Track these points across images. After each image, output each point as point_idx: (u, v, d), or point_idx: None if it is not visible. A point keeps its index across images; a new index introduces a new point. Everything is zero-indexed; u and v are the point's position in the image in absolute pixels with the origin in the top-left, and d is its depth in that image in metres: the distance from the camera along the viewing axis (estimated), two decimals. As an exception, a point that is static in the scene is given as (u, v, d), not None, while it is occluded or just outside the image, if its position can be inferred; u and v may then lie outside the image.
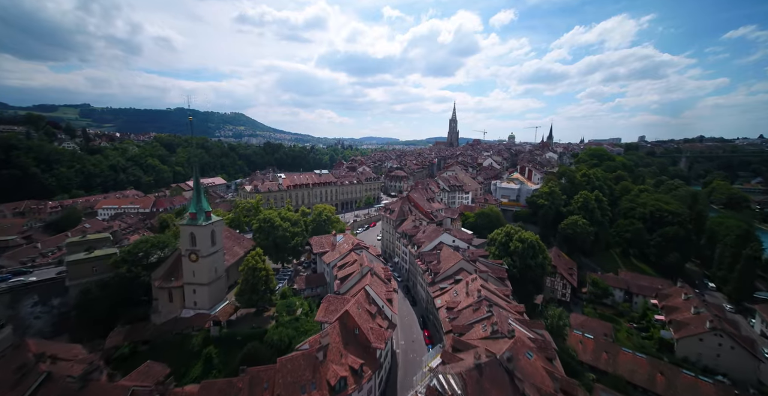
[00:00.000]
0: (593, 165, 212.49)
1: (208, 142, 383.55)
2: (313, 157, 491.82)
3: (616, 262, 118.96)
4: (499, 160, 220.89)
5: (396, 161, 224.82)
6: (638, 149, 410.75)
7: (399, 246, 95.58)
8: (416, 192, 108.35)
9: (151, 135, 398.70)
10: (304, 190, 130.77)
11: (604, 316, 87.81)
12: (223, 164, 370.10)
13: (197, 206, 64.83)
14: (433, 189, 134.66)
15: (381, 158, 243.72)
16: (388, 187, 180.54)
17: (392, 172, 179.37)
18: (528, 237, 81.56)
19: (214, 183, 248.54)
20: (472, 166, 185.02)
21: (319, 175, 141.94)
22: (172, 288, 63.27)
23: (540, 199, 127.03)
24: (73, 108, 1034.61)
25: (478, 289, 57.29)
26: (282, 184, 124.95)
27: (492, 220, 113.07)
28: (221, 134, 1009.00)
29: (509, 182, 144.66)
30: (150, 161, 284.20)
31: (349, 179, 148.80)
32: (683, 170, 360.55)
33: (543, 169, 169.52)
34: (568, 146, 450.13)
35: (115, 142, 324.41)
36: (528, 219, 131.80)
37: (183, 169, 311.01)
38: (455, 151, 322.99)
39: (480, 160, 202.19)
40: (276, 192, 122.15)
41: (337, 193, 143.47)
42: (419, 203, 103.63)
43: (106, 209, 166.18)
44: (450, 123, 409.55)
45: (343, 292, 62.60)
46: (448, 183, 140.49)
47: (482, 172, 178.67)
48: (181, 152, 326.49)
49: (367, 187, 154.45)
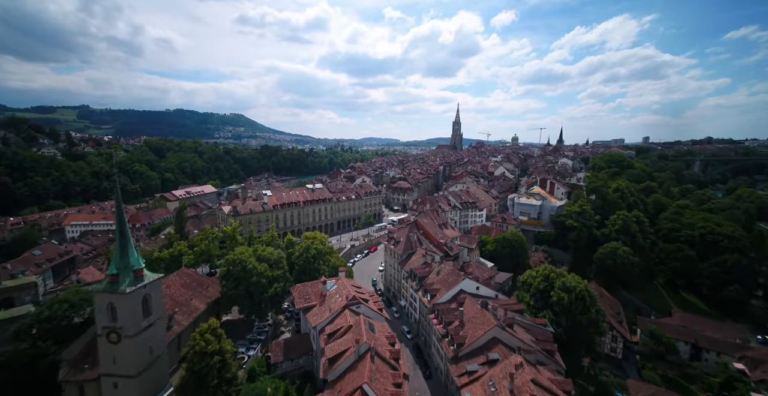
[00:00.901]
0: (614, 174, 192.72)
1: (201, 146, 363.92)
2: (311, 160, 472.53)
3: (662, 297, 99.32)
4: (511, 168, 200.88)
5: (398, 169, 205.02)
6: (648, 152, 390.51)
7: (406, 287, 76.03)
8: (425, 216, 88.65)
9: (141, 138, 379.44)
10: (293, 210, 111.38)
11: (667, 377, 68.31)
12: (217, 169, 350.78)
13: (121, 263, 44.57)
14: (443, 206, 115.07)
15: (382, 165, 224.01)
16: (391, 200, 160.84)
17: (395, 183, 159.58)
18: (575, 285, 61.82)
19: (203, 191, 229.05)
20: (483, 176, 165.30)
21: (311, 190, 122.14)
22: (84, 381, 43.71)
23: (569, 220, 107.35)
24: (71, 109, 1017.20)
25: (531, 395, 37.75)
26: (267, 203, 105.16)
27: (515, 247, 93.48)
28: (220, 135, 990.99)
29: (529, 198, 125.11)
30: (137, 167, 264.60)
31: (347, 194, 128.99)
32: (699, 175, 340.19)
33: (565, 180, 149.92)
34: (575, 148, 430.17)
35: (103, 146, 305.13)
36: (554, 242, 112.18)
37: (173, 175, 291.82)
38: (460, 155, 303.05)
39: (491, 169, 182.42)
40: (260, 213, 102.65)
41: (332, 211, 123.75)
42: (430, 231, 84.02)
43: (74, 226, 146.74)
44: (453, 125, 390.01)
45: (332, 381, 43.30)
46: (459, 199, 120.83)
47: (495, 183, 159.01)
48: (171, 157, 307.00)
49: (367, 202, 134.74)
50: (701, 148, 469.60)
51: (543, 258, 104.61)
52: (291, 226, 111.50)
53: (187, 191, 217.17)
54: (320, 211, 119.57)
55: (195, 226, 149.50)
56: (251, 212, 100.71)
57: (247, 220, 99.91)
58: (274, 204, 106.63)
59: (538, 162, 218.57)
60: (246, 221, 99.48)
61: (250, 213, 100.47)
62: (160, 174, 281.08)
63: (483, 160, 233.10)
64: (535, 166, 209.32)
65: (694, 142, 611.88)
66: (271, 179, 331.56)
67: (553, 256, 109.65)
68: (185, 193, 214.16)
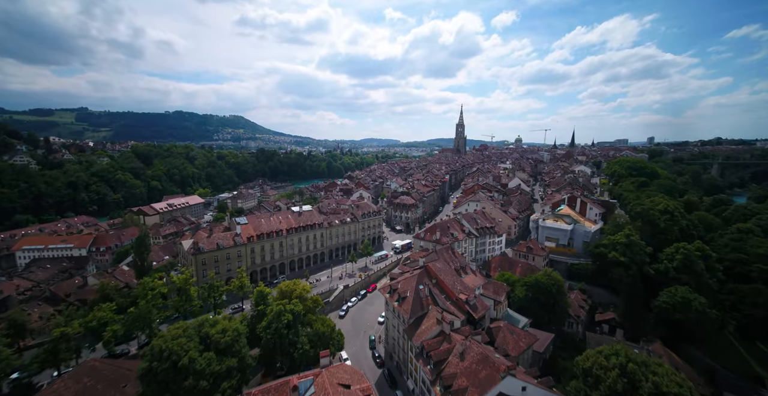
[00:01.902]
0: (641, 185, 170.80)
1: (192, 151, 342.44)
2: (309, 164, 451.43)
3: (736, 352, 77.70)
4: (525, 178, 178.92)
5: (400, 179, 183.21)
6: (662, 155, 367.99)
7: (416, 366, 54.60)
8: (439, 259, 66.95)
9: (128, 144, 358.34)
10: (274, 241, 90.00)
11: None
12: (209, 175, 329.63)
13: None
14: (456, 234, 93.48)
15: (382, 174, 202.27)
16: (392, 218, 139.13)
17: (397, 199, 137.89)
18: (669, 388, 40.24)
19: (187, 203, 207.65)
20: (497, 189, 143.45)
21: (298, 213, 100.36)
22: None
23: (612, 252, 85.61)
24: (70, 112, 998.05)
25: None
26: (240, 235, 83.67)
27: (552, 293, 72.12)
28: (220, 137, 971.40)
29: (557, 220, 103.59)
30: (120, 176, 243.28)
31: (341, 217, 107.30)
32: (717, 179, 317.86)
33: (593, 196, 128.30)
34: (584, 151, 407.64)
35: (86, 153, 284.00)
36: (593, 278, 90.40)
37: (160, 183, 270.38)
38: (466, 160, 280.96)
39: (504, 180, 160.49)
40: (230, 249, 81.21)
41: (324, 238, 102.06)
42: (445, 281, 62.39)
43: (26, 251, 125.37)
44: (457, 128, 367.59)
45: None
46: (474, 224, 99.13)
47: (511, 197, 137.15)
48: (158, 164, 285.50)
49: (365, 225, 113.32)
50: (713, 149, 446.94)
51: (581, 300, 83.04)
52: (271, 261, 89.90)
53: (169, 203, 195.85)
54: (308, 240, 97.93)
55: (167, 251, 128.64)
56: (218, 248, 79.03)
57: (213, 259, 78.37)
58: (249, 235, 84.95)
59: (555, 171, 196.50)
60: (211, 260, 77.96)
61: (216, 249, 78.79)
62: (145, 182, 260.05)
63: (492, 168, 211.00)
64: (551, 175, 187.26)
65: (703, 143, 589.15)
66: (266, 186, 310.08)
67: (593, 296, 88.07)
68: (167, 206, 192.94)
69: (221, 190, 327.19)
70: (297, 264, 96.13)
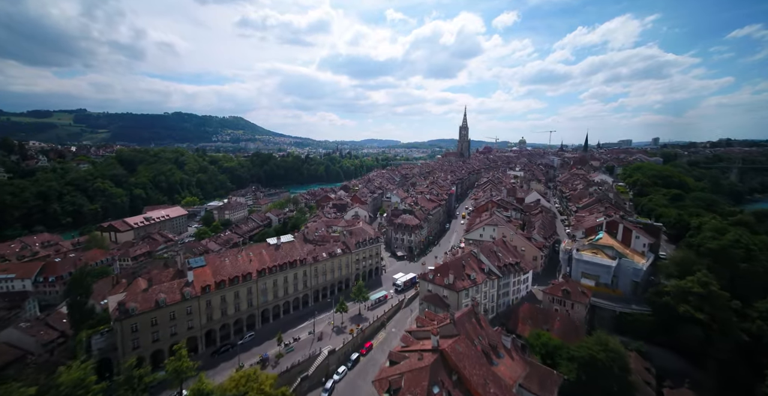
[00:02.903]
0: (674, 198, 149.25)
1: (183, 156, 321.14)
2: (307, 167, 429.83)
3: None
4: (542, 189, 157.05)
5: (401, 190, 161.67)
6: (676, 158, 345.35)
7: None
8: (460, 336, 45.41)
9: (114, 148, 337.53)
10: (240, 288, 68.95)
11: None
12: (199, 181, 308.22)
13: None
14: (474, 276, 72.06)
15: (381, 184, 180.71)
16: (393, 241, 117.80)
17: (398, 217, 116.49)
18: None
19: (167, 216, 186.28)
20: (515, 207, 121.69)
21: (275, 246, 78.73)
22: None
23: (682, 305, 64.04)
24: (68, 113, 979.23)
25: None
26: (194, 284, 62.37)
27: (613, 373, 51.00)
28: (219, 139, 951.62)
29: (596, 253, 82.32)
30: (99, 184, 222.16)
31: (330, 248, 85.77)
32: (737, 184, 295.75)
33: (633, 217, 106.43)
34: (593, 154, 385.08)
35: (66, 159, 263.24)
36: (653, 335, 68.68)
37: (145, 191, 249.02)
38: (472, 166, 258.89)
39: (520, 194, 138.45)
40: (177, 305, 60.02)
41: (308, 277, 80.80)
42: (470, 378, 40.99)
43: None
44: (460, 130, 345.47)
45: None
46: (495, 259, 77.61)
47: (531, 216, 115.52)
48: (143, 170, 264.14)
49: (359, 255, 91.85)
50: (726, 151, 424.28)
51: (643, 370, 61.56)
52: (236, 314, 68.46)
53: (147, 217, 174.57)
54: (287, 282, 76.53)
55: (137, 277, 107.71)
56: (158, 307, 57.54)
57: (150, 322, 56.94)
58: (205, 284, 63.52)
59: (572, 180, 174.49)
60: (147, 324, 56.55)
61: (156, 308, 57.32)
62: (128, 191, 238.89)
63: (502, 177, 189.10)
64: (569, 185, 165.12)
65: (713, 145, 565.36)
66: (259, 192, 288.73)
67: (654, 359, 66.21)
68: (143, 221, 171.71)
69: (212, 197, 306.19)
70: (272, 313, 74.78)
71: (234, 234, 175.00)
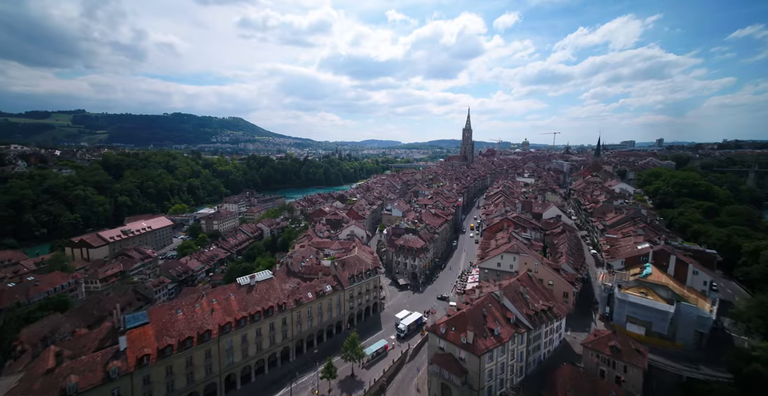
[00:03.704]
0: (708, 212, 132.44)
1: (174, 160, 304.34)
2: (305, 170, 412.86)
3: None
4: (558, 201, 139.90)
5: (403, 201, 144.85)
6: (688, 161, 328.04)
7: None
8: None
9: (100, 152, 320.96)
10: (195, 352, 52.47)
11: None
12: (191, 186, 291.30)
13: None
14: (498, 331, 55.32)
15: (381, 193, 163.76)
16: (394, 265, 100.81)
17: (400, 238, 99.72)
18: None
19: (149, 228, 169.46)
20: (533, 226, 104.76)
21: (248, 287, 62.46)
22: None
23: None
24: (66, 114, 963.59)
25: None
26: (127, 354, 45.55)
27: None
28: (218, 140, 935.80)
29: (646, 293, 65.63)
30: (79, 191, 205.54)
31: (317, 286, 69.10)
32: (755, 189, 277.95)
33: (679, 242, 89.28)
34: (602, 158, 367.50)
35: (49, 164, 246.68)
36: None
37: (130, 198, 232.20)
38: (477, 172, 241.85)
39: (537, 208, 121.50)
40: (94, 391, 43.07)
41: (289, 325, 64.04)
42: None
43: None
44: (463, 133, 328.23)
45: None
46: (524, 305, 60.91)
47: (554, 238, 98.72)
48: (130, 176, 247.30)
49: (354, 292, 75.11)
50: (739, 153, 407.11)
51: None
52: (187, 387, 51.66)
53: (124, 230, 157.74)
54: (261, 335, 59.84)
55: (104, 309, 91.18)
56: None
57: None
58: (143, 353, 46.71)
59: (590, 190, 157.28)
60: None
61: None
62: (112, 198, 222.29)
63: (512, 186, 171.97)
64: (587, 196, 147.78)
65: (720, 146, 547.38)
66: (253, 198, 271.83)
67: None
68: (120, 234, 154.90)
69: (205, 202, 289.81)
70: (240, 376, 58.06)
71: (220, 249, 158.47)
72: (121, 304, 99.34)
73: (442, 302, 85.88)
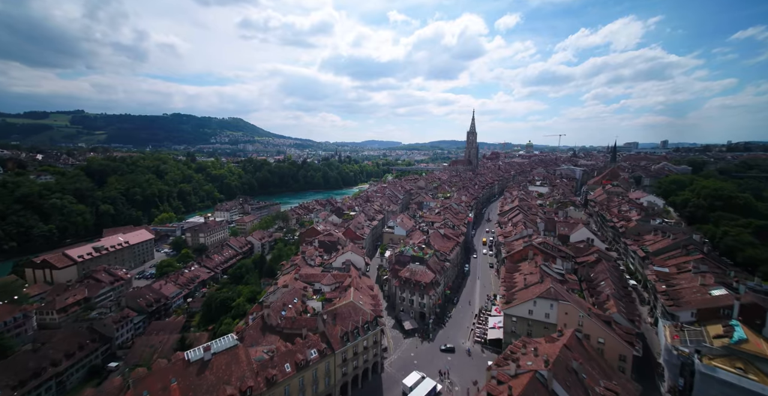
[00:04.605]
0: (760, 232, 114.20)
1: (165, 164, 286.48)
2: (303, 174, 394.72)
3: None
4: (584, 218, 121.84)
5: (406, 217, 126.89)
6: (704, 166, 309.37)
7: None
8: None
9: (85, 156, 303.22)
10: None
11: None
12: (182, 192, 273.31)
13: None
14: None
15: (382, 206, 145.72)
16: (398, 302, 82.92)
17: (405, 268, 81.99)
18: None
19: (126, 243, 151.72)
20: (563, 254, 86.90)
21: (200, 365, 44.65)
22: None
23: None
24: (65, 115, 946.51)
25: None
26: None
27: None
28: (217, 140, 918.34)
29: (745, 369, 48.31)
30: (55, 200, 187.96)
31: (299, 353, 51.24)
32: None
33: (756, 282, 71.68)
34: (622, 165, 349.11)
35: (28, 169, 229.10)
36: None
37: (113, 207, 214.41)
38: (485, 179, 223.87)
39: (563, 229, 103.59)
40: None
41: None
42: None
43: None
44: (468, 136, 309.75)
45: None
46: (581, 391, 43.35)
47: (588, 270, 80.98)
48: (114, 182, 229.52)
49: (349, 353, 57.34)
50: (752, 157, 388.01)
51: None
52: None
53: (96, 247, 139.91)
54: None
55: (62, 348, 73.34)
56: None
57: None
58: None
59: (616, 202, 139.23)
60: None
61: None
62: (93, 206, 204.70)
63: (528, 198, 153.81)
64: (613, 211, 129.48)
65: (729, 148, 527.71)
66: (247, 205, 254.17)
67: None
68: (91, 252, 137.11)
69: (197, 209, 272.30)
70: None
71: (203, 269, 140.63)
72: (70, 350, 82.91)
73: (451, 354, 68.61)
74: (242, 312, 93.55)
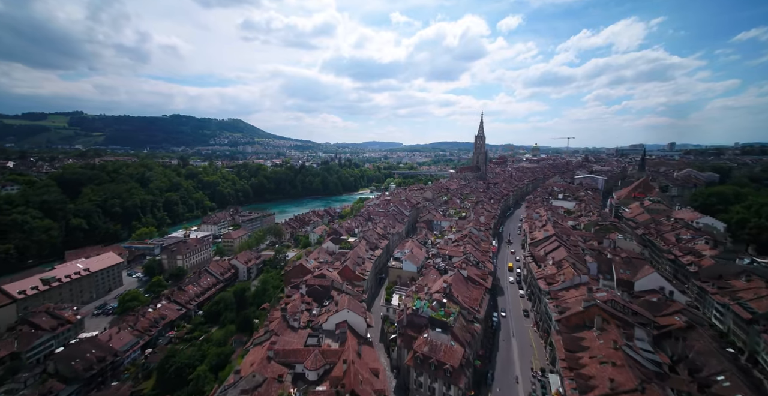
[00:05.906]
0: None
1: (150, 171, 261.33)
2: (301, 179, 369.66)
3: None
4: (638, 249, 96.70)
5: (415, 245, 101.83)
6: (731, 172, 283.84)
7: None
8: None
9: (63, 162, 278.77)
10: None
11: None
12: (168, 202, 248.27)
13: None
14: None
15: (387, 228, 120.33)
16: (413, 389, 57.82)
17: (421, 341, 57.14)
18: None
19: (85, 271, 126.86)
20: (644, 321, 62.21)
21: None
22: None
23: None
24: (63, 116, 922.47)
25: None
26: None
27: None
28: (216, 142, 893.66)
29: None
30: (16, 215, 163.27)
31: None
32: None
33: None
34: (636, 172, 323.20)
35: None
36: None
37: (87, 221, 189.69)
38: (499, 190, 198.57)
39: (622, 272, 78.79)
40: None
41: None
42: None
43: None
44: (476, 140, 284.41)
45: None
46: None
47: (676, 345, 56.45)
48: (89, 193, 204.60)
49: None
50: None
51: None
52: None
53: (44, 279, 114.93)
54: None
55: None
56: None
57: None
58: None
59: (659, 229, 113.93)
60: None
61: None
62: (63, 221, 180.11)
63: (559, 219, 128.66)
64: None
65: (743, 151, 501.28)
66: (238, 216, 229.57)
67: None
68: (38, 285, 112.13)
69: (185, 219, 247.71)
70: None
71: (173, 304, 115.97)
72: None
73: None
74: (201, 389, 69.12)
